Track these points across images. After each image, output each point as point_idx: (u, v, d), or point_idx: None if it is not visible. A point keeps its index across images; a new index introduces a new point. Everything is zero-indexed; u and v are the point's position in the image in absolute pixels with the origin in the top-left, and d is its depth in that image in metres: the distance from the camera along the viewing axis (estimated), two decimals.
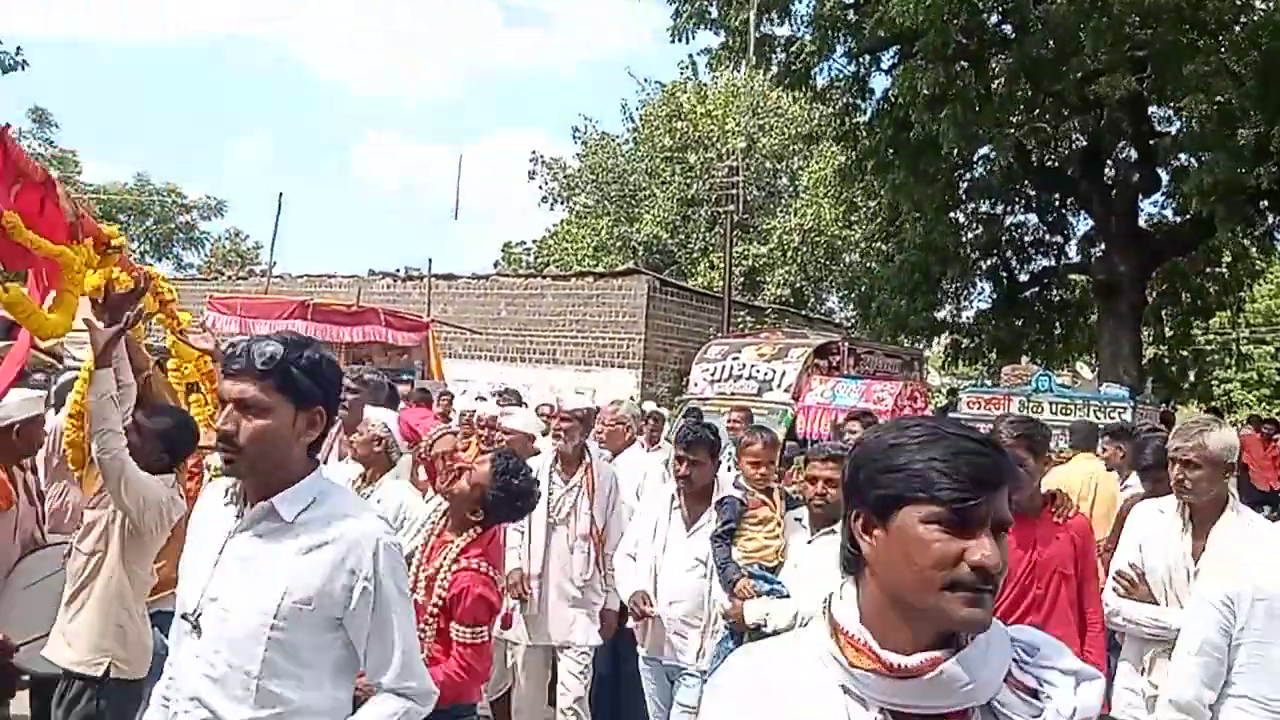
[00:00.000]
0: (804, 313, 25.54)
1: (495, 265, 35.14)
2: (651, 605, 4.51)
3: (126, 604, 3.83)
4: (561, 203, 32.59)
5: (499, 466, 3.66)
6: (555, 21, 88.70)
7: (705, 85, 30.61)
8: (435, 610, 3.49)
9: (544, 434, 6.27)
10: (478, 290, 22.01)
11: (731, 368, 12.08)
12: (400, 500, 4.72)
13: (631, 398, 15.54)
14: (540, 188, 32.36)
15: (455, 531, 3.62)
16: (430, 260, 19.80)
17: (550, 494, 5.12)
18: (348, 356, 13.51)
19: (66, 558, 4.04)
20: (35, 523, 4.58)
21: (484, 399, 9.52)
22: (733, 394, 11.68)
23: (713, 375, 12.17)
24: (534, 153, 33.09)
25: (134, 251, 38.31)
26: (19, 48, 22.46)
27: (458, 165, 35.64)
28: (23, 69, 22.48)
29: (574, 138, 32.32)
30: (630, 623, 4.82)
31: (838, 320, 27.08)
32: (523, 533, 5.14)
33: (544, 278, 22.32)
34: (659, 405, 12.61)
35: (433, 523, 3.80)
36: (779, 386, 11.60)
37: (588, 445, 5.49)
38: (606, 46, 79.83)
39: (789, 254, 27.20)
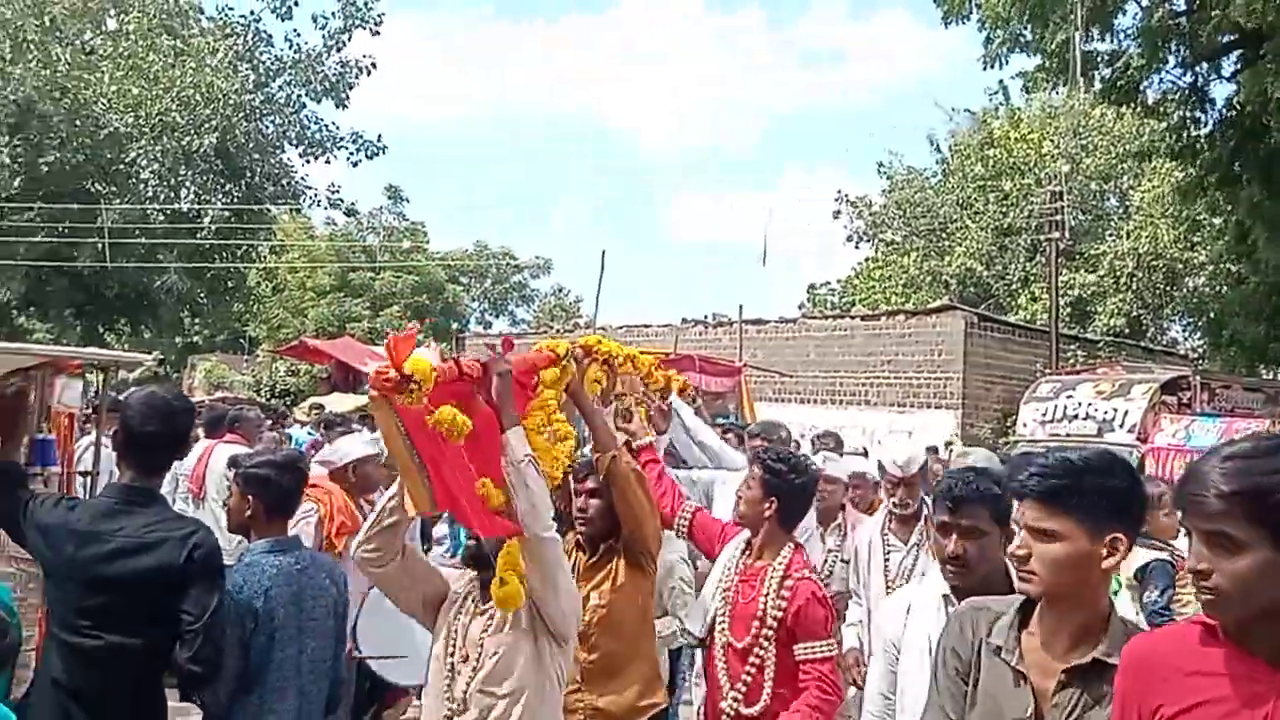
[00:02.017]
0: (1143, 344, 23.54)
1: (800, 307, 35.15)
2: None
3: None
4: (868, 240, 32.15)
5: (765, 461, 3.62)
6: (850, 59, 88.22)
7: (1019, 109, 29.25)
8: (770, 637, 3.40)
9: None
10: (786, 334, 22.04)
11: (1066, 407, 11.37)
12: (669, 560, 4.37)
13: (951, 441, 14.94)
14: (845, 226, 32.10)
15: (770, 556, 3.55)
16: (741, 307, 20.08)
17: (888, 559, 4.83)
18: None
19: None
20: None
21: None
22: (1068, 435, 10.99)
23: (1044, 415, 11.49)
24: (839, 192, 32.89)
25: (474, 310, 41.80)
26: (380, 135, 25.34)
27: (764, 213, 36.13)
28: (382, 154, 25.32)
29: (879, 173, 31.88)
30: None
31: (1183, 351, 24.74)
32: (861, 604, 4.91)
33: (852, 318, 22.00)
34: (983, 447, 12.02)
35: (728, 567, 3.70)
36: (1122, 426, 10.77)
37: (925, 499, 5.21)
38: (905, 79, 78.30)
39: (1122, 281, 25.22)
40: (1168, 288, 25.76)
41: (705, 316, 24.27)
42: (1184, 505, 1.82)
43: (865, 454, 8.84)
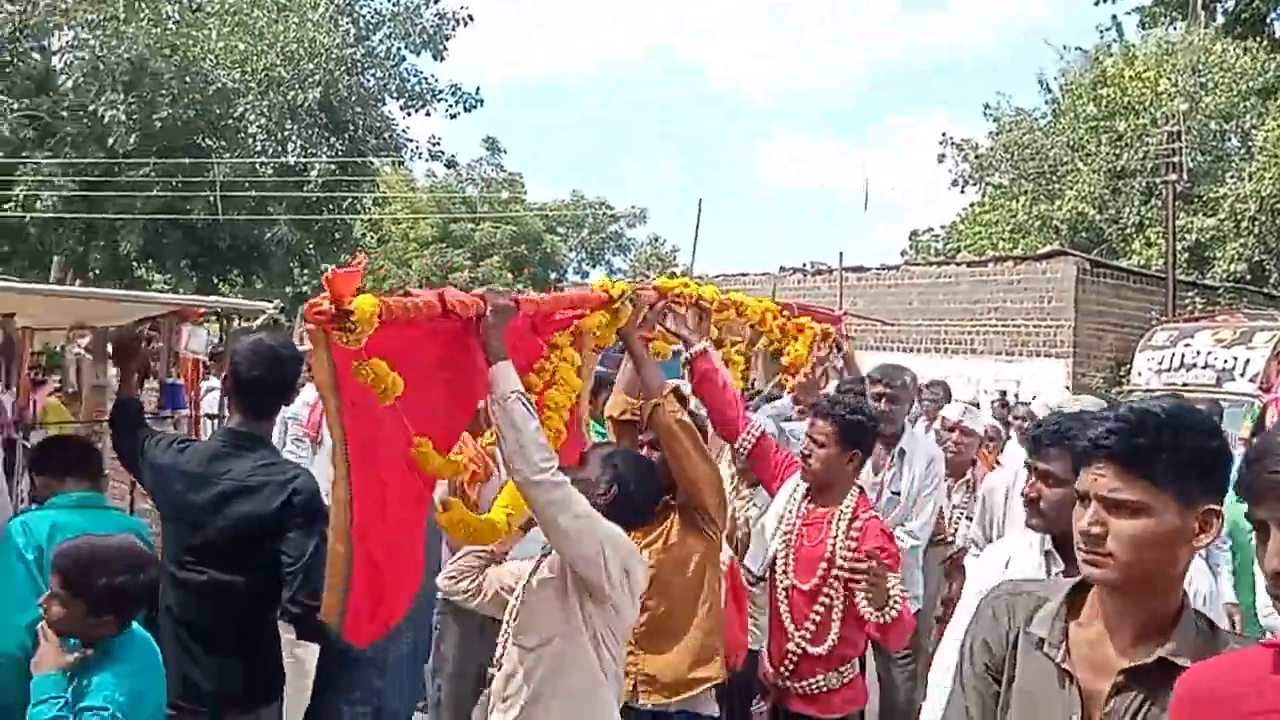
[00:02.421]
0: (1265, 291, 22.52)
1: (902, 254, 34.46)
2: None
3: (604, 708, 2.82)
4: (973, 184, 31.31)
5: (843, 416, 3.51)
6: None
7: (1134, 46, 27.98)
8: (839, 577, 3.39)
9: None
10: (888, 281, 21.67)
11: (1183, 355, 10.99)
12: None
13: (1065, 389, 14.58)
14: (950, 170, 31.28)
15: (835, 500, 3.54)
16: (841, 254, 19.82)
17: None
18: None
19: None
20: None
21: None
22: (1185, 385, 10.61)
23: (1160, 364, 11.13)
24: (943, 135, 32.05)
25: (572, 260, 42.13)
26: (478, 88, 25.58)
27: (865, 159, 35.47)
28: (480, 106, 25.59)
29: (985, 115, 30.91)
30: None
31: None
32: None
33: (958, 264, 21.50)
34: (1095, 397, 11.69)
35: (786, 514, 3.64)
36: (1242, 376, 10.35)
37: None
38: (1012, 18, 75.50)
39: (1243, 224, 24.05)
40: None
41: (804, 264, 24.03)
42: (1258, 490, 1.44)
43: (978, 406, 8.64)
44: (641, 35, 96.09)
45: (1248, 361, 10.68)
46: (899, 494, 4.73)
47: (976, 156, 30.83)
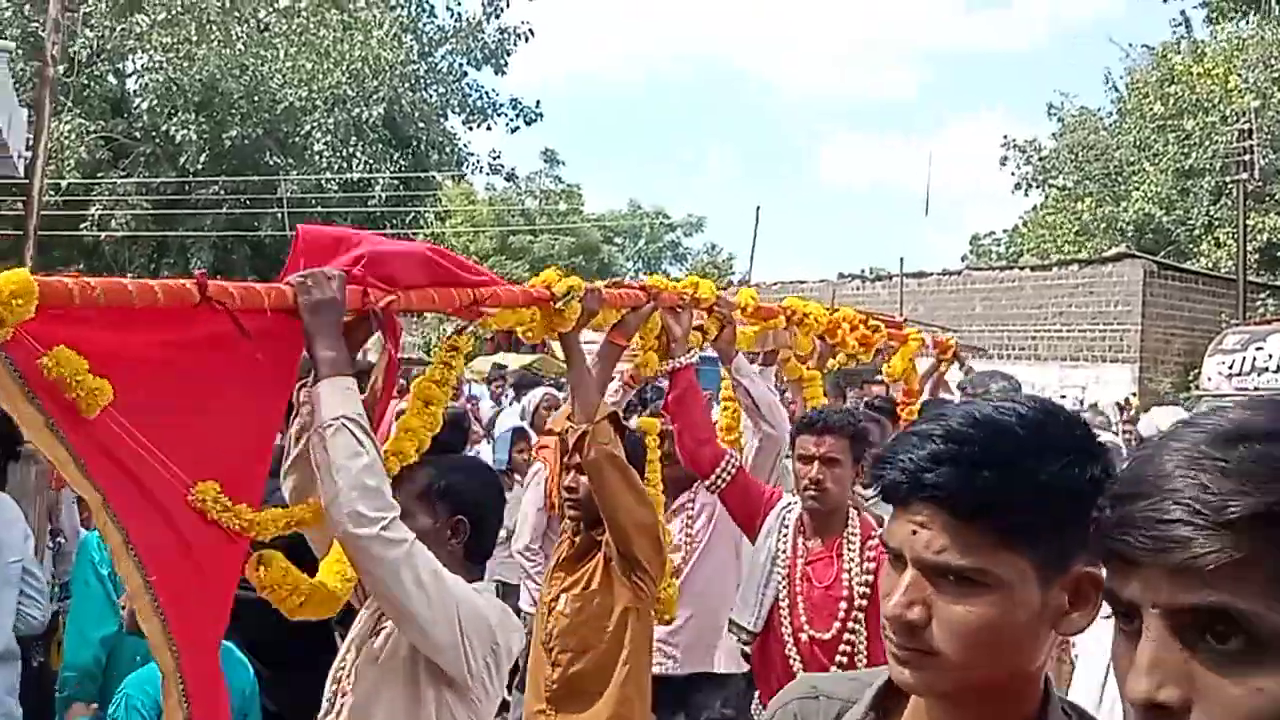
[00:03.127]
0: None
1: (963, 259, 34.08)
2: None
3: None
4: (1037, 187, 30.87)
5: (847, 424, 3.08)
6: None
7: (1202, 42, 27.38)
8: (863, 607, 2.98)
9: None
10: (949, 286, 21.47)
11: (1255, 359, 10.76)
12: None
13: (1130, 396, 14.30)
14: (1013, 173, 30.87)
15: (838, 527, 3.08)
16: (901, 260, 19.71)
17: None
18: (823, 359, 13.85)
19: None
20: None
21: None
22: (1257, 389, 10.38)
23: (1230, 368, 10.91)
24: (1005, 137, 31.60)
25: (629, 270, 42.35)
26: (538, 101, 25.88)
27: (926, 161, 35.16)
28: (540, 120, 25.90)
29: (1049, 115, 30.51)
30: None
31: None
32: None
33: (1021, 269, 21.23)
34: (1161, 402, 11.46)
35: (781, 550, 3.17)
36: None
37: None
38: (1077, 17, 74.23)
39: None
40: None
41: (863, 270, 23.89)
42: (1128, 550, 0.78)
43: None
44: (698, 43, 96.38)
45: None
46: None
47: (1040, 159, 30.42)
